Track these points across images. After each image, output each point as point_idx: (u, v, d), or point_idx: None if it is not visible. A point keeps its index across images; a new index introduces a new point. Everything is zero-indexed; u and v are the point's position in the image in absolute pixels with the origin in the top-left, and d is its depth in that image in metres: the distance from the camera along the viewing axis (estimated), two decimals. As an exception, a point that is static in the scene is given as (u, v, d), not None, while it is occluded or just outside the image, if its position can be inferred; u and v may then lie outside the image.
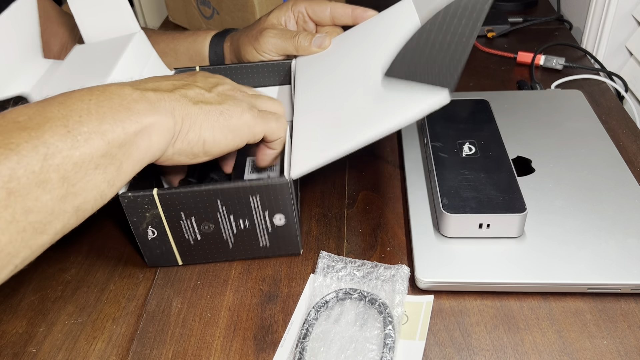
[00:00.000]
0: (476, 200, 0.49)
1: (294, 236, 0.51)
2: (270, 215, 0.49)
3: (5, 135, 0.33)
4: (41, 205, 0.34)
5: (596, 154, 0.58)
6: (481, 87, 0.76)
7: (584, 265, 0.46)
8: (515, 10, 0.98)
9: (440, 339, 0.44)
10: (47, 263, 0.54)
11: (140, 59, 0.58)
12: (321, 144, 0.48)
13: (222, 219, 0.49)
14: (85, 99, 0.37)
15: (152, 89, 0.42)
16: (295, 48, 0.62)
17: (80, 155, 0.35)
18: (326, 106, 0.52)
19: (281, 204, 0.48)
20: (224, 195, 0.47)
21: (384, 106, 0.47)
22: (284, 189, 0.47)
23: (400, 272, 0.48)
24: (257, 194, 0.47)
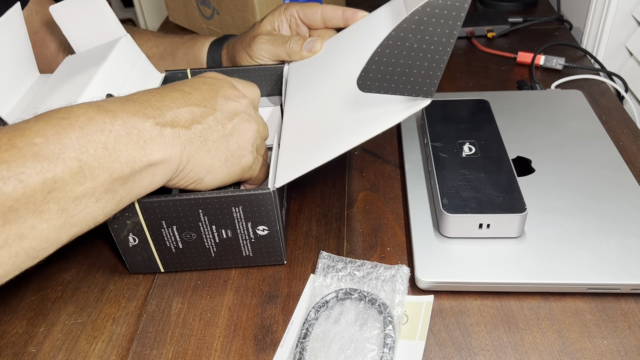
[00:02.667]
0: (476, 201, 0.49)
1: (278, 246, 0.50)
2: (254, 226, 0.48)
3: (19, 161, 0.32)
4: (36, 234, 0.34)
5: (596, 154, 0.58)
6: (481, 87, 0.76)
7: (584, 265, 0.46)
8: (515, 10, 0.98)
9: (440, 339, 0.44)
10: (47, 263, 0.54)
11: (127, 63, 0.58)
12: (305, 154, 0.48)
13: (203, 229, 0.48)
14: (106, 129, 0.36)
15: (171, 123, 0.41)
16: (287, 53, 0.62)
17: (84, 189, 0.35)
18: (312, 114, 0.52)
19: (264, 215, 0.47)
20: (206, 205, 0.46)
21: (366, 113, 0.47)
22: (266, 199, 0.46)
23: (401, 272, 0.48)
24: (239, 204, 0.46)
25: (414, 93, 0.41)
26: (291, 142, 0.50)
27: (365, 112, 0.47)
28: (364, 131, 0.45)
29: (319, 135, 0.49)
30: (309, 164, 0.46)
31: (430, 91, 0.41)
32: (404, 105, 0.44)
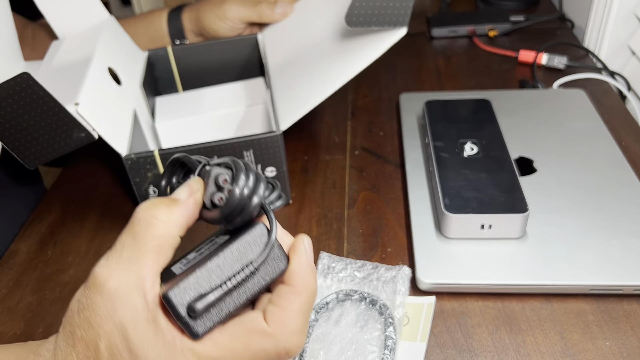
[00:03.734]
0: (478, 201, 0.49)
1: (285, 187, 0.55)
2: (263, 168, 0.53)
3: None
4: None
5: (598, 153, 0.58)
6: (483, 86, 0.76)
7: (586, 266, 0.46)
8: (517, 9, 0.97)
9: (441, 341, 0.44)
10: (45, 264, 0.54)
11: (115, 44, 0.60)
12: (301, 95, 0.52)
13: None
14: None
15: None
16: (258, 16, 0.63)
17: None
18: (299, 61, 0.56)
19: (272, 157, 0.52)
20: (220, 151, 0.51)
21: (350, 52, 0.51)
22: (275, 141, 0.51)
23: (402, 273, 0.47)
24: (251, 148, 0.51)
25: (391, 24, 0.50)
26: (285, 89, 0.55)
27: (350, 50, 0.52)
28: (352, 66, 0.50)
29: (310, 77, 0.53)
30: (308, 103, 0.51)
31: (405, 21, 0.50)
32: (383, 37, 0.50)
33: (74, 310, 0.30)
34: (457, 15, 0.92)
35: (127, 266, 0.29)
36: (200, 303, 0.28)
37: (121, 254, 0.30)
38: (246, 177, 0.30)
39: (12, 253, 0.56)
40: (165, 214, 0.30)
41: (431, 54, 0.85)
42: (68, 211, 0.61)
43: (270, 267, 0.30)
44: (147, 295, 0.29)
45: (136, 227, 0.30)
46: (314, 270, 0.32)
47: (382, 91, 0.77)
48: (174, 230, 0.30)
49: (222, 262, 0.29)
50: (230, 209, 0.30)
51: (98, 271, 0.30)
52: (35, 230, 0.59)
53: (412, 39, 0.90)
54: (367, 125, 0.70)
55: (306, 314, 0.31)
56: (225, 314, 0.29)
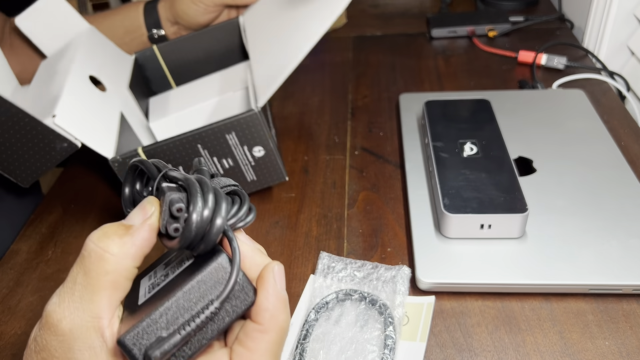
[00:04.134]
0: (477, 201, 0.49)
1: (277, 165, 0.55)
2: (250, 149, 0.53)
3: None
4: None
5: (598, 154, 0.58)
6: (482, 86, 0.76)
7: (585, 265, 0.46)
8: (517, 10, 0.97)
9: (441, 340, 0.44)
10: (45, 264, 0.54)
11: (98, 51, 0.61)
12: (274, 69, 0.53)
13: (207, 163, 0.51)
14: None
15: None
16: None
17: None
18: (272, 41, 0.57)
19: (256, 136, 0.52)
20: (202, 138, 0.51)
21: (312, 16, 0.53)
22: (255, 120, 0.51)
23: (401, 273, 0.48)
24: (232, 130, 0.51)
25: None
26: (261, 67, 0.56)
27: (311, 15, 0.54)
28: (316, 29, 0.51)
29: (279, 50, 0.54)
30: (279, 76, 0.52)
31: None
32: None
33: (31, 348, 0.29)
34: (456, 16, 0.92)
35: (80, 305, 0.27)
36: (157, 351, 0.26)
37: (73, 292, 0.27)
38: (204, 200, 0.27)
39: (13, 253, 0.56)
40: (118, 246, 0.28)
41: (431, 54, 0.85)
42: (68, 211, 0.61)
43: (236, 302, 0.28)
44: (104, 334, 0.27)
45: (87, 262, 0.28)
46: (284, 303, 0.29)
47: (382, 91, 0.77)
48: (129, 263, 0.28)
49: (181, 301, 0.27)
50: (189, 240, 0.27)
51: (50, 310, 0.28)
52: (35, 230, 0.59)
53: (412, 39, 0.90)
54: (367, 125, 0.70)
55: (275, 353, 0.29)
56: (187, 357, 0.27)
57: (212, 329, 0.28)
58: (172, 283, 0.28)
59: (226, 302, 0.28)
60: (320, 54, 0.89)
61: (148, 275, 0.31)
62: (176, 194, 0.28)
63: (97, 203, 0.62)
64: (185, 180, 0.28)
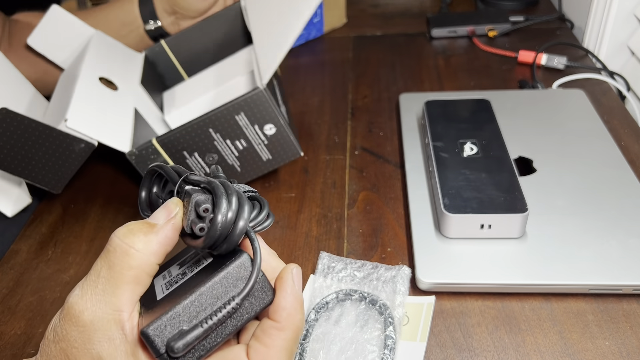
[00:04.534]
0: (477, 201, 0.49)
1: (290, 141, 0.55)
2: (261, 127, 0.53)
3: None
4: None
5: (598, 153, 0.58)
6: (482, 86, 0.76)
7: (585, 265, 0.46)
8: (517, 9, 0.97)
9: (441, 340, 0.44)
10: (45, 264, 0.54)
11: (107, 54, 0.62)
12: (274, 48, 0.54)
13: (220, 146, 0.53)
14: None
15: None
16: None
17: None
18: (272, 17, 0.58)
19: (265, 114, 0.53)
20: (212, 122, 0.52)
21: None
22: (261, 97, 0.52)
23: (401, 273, 0.48)
24: (240, 111, 0.52)
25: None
26: (263, 45, 0.57)
27: None
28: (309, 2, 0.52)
29: (279, 26, 0.55)
30: (280, 51, 0.52)
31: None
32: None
33: (49, 339, 0.29)
34: (456, 16, 0.92)
35: (102, 297, 0.28)
36: (180, 342, 0.27)
37: (96, 285, 0.29)
38: (228, 202, 0.28)
39: (13, 253, 0.56)
40: (142, 243, 0.29)
41: (431, 54, 0.85)
42: (68, 211, 0.61)
43: (255, 301, 0.29)
44: (124, 327, 0.28)
45: (112, 257, 0.29)
46: (301, 304, 0.30)
47: (382, 91, 0.77)
48: (152, 259, 0.29)
49: (204, 298, 0.28)
50: (213, 240, 0.28)
51: (73, 302, 0.29)
52: (35, 230, 0.59)
53: (412, 39, 0.90)
54: (367, 125, 0.70)
55: (290, 350, 0.30)
56: (206, 352, 0.28)
57: (231, 325, 0.29)
58: (192, 280, 0.29)
59: (246, 299, 0.29)
60: (320, 54, 0.89)
61: (162, 275, 0.32)
62: (202, 195, 0.29)
63: (97, 203, 0.62)
64: (208, 183, 0.29)
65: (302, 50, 0.90)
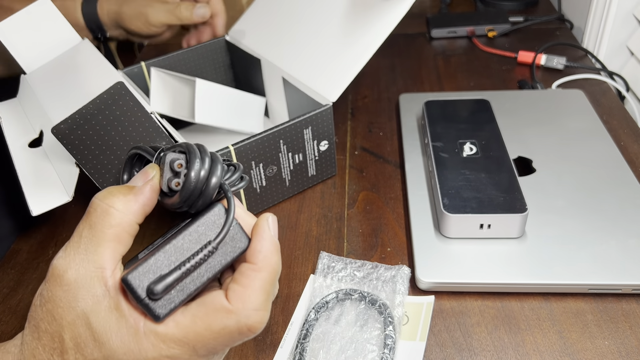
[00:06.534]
0: (477, 201, 0.49)
1: (333, 159, 0.58)
2: (318, 143, 0.56)
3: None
4: None
5: (597, 154, 0.58)
6: (482, 86, 0.76)
7: (585, 265, 0.46)
8: (516, 10, 0.97)
9: (441, 340, 0.44)
10: (46, 264, 0.54)
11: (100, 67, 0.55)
12: (342, 63, 0.55)
13: (282, 159, 0.54)
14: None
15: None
16: (178, 18, 0.64)
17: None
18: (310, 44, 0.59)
19: (325, 130, 0.55)
20: (285, 134, 0.53)
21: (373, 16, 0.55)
22: (328, 114, 0.54)
23: (401, 273, 0.48)
24: (309, 125, 0.54)
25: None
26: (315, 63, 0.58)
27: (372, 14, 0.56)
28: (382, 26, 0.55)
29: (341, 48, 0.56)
30: (352, 69, 0.55)
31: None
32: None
33: (36, 304, 0.30)
34: (456, 16, 0.92)
35: (85, 256, 0.29)
36: (159, 285, 0.28)
37: (79, 245, 0.30)
38: (201, 160, 0.30)
39: (14, 253, 0.56)
40: (122, 203, 0.30)
41: (431, 54, 0.86)
42: (69, 211, 0.61)
43: (230, 246, 0.30)
44: (107, 283, 0.29)
45: (92, 217, 0.30)
46: (276, 248, 0.31)
47: (382, 91, 0.77)
48: (132, 218, 0.30)
49: (181, 243, 0.29)
50: (189, 193, 0.30)
51: (56, 263, 0.29)
52: (36, 230, 0.59)
53: (411, 40, 0.90)
54: (367, 126, 0.70)
55: (268, 291, 0.31)
56: (186, 295, 0.29)
57: (209, 270, 0.30)
58: (171, 237, 0.30)
59: (222, 245, 0.30)
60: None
61: (146, 248, 0.33)
62: (176, 154, 0.31)
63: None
64: (185, 144, 0.31)
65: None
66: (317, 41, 0.59)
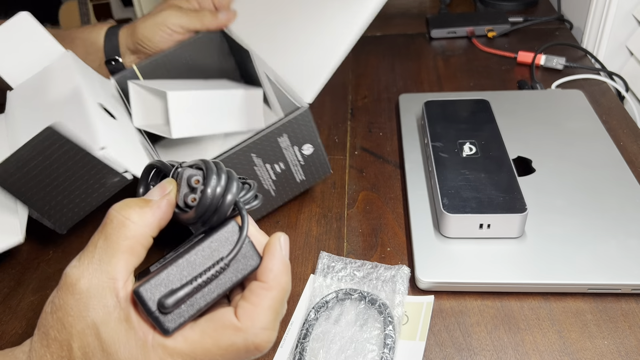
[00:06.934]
0: (477, 201, 0.49)
1: (323, 158, 0.54)
2: (300, 148, 0.51)
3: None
4: None
5: (597, 154, 0.58)
6: (481, 87, 0.76)
7: (584, 265, 0.46)
8: (516, 10, 0.97)
9: (440, 340, 0.44)
10: (46, 263, 0.54)
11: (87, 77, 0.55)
12: (315, 66, 0.52)
13: (260, 172, 0.51)
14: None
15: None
16: (201, 23, 0.64)
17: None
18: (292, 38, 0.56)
19: (306, 133, 0.51)
20: (256, 147, 0.50)
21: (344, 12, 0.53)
22: (305, 117, 0.50)
23: (401, 273, 0.48)
24: (283, 133, 0.50)
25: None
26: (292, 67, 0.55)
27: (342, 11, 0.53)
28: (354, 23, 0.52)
29: (314, 46, 0.53)
30: (326, 68, 0.51)
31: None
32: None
33: (47, 311, 0.30)
34: (456, 16, 0.93)
35: (98, 267, 0.29)
36: (170, 298, 0.28)
37: (93, 255, 0.30)
38: (217, 176, 0.30)
39: (14, 253, 0.56)
40: (138, 215, 0.30)
41: (430, 54, 0.86)
42: (69, 211, 0.61)
43: (242, 263, 0.31)
44: (119, 295, 0.29)
45: (108, 228, 0.30)
46: (287, 267, 0.32)
47: (382, 92, 0.77)
48: (146, 231, 0.30)
49: (194, 258, 0.30)
50: (204, 209, 0.30)
51: (70, 272, 0.30)
52: (36, 230, 0.59)
53: (411, 40, 0.90)
54: (366, 126, 0.70)
55: (277, 310, 0.31)
56: (196, 310, 0.30)
57: (220, 286, 0.30)
58: (184, 251, 0.31)
59: (234, 261, 0.30)
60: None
61: (158, 261, 0.33)
62: (194, 170, 0.31)
63: (98, 203, 0.62)
64: (202, 162, 0.32)
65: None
66: (299, 38, 0.56)
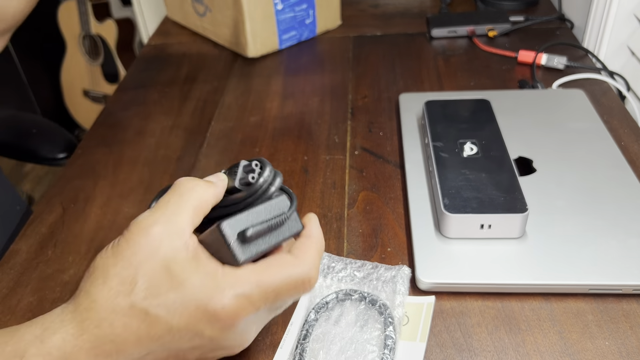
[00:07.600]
0: (477, 201, 0.49)
1: None
2: None
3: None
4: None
5: (598, 153, 0.58)
6: (482, 86, 0.76)
7: (585, 265, 0.46)
8: (517, 9, 0.97)
9: (441, 340, 0.44)
10: (45, 264, 0.54)
11: None
12: None
13: None
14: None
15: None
16: None
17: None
18: None
19: None
20: None
21: None
22: None
23: (401, 273, 0.48)
24: None
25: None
26: None
27: None
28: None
29: None
30: None
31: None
32: None
33: (107, 255, 0.34)
34: (456, 16, 0.92)
35: (171, 217, 0.34)
36: (251, 230, 0.34)
37: (166, 207, 0.34)
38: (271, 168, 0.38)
39: (13, 253, 0.56)
40: (205, 185, 0.36)
41: (431, 54, 0.85)
42: (68, 211, 0.61)
43: (292, 225, 0.37)
44: (187, 242, 0.33)
45: (182, 188, 0.35)
46: (321, 232, 0.39)
47: (382, 91, 0.77)
48: (210, 199, 0.36)
49: (264, 209, 0.36)
50: (259, 186, 0.36)
51: (143, 218, 0.34)
52: (35, 230, 0.59)
53: (411, 39, 0.90)
54: (367, 125, 0.70)
55: (320, 258, 0.37)
56: (263, 248, 0.35)
57: (281, 233, 0.37)
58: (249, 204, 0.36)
59: (289, 220, 0.37)
60: (320, 54, 0.89)
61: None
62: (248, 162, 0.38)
63: (97, 203, 0.62)
64: (258, 158, 0.38)
65: (303, 51, 0.90)
66: None
